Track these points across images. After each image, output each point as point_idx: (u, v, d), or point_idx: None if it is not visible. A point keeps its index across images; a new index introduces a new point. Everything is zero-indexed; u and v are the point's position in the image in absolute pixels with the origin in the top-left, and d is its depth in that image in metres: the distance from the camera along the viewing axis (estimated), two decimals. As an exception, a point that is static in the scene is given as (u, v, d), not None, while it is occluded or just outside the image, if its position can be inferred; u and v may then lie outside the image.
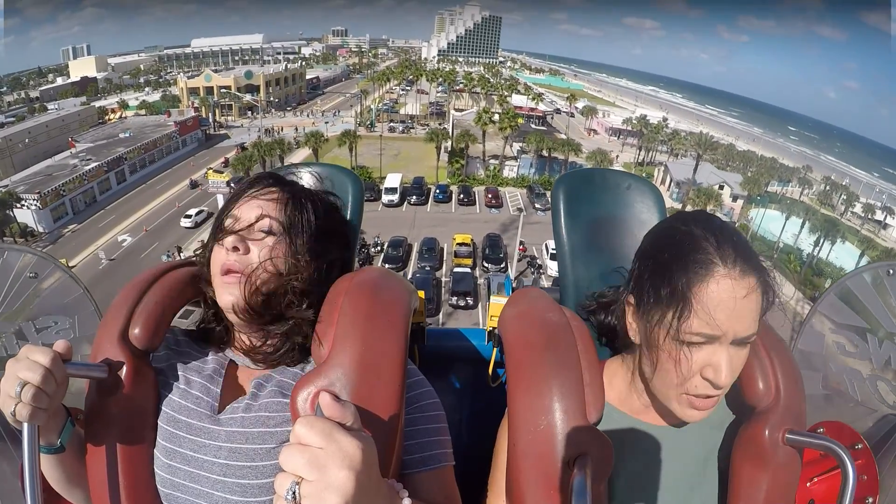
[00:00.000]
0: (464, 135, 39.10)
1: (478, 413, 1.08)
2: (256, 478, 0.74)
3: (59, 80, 74.83)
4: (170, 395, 0.81)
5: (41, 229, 34.17)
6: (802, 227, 37.52)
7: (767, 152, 55.49)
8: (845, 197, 41.37)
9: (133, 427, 0.78)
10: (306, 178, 1.02)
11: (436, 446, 0.75)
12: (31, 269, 1.09)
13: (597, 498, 0.67)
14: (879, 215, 40.72)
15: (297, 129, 46.68)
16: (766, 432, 0.76)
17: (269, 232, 0.83)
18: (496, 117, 41.66)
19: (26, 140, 44.16)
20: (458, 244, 29.32)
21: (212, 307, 0.89)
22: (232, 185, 28.91)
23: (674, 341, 0.71)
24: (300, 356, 0.85)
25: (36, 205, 33.54)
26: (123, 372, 0.76)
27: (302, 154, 42.70)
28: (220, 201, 31.42)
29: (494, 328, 1.13)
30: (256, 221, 0.83)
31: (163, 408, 0.80)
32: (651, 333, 0.74)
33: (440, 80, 62.55)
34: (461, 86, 63.34)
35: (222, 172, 32.09)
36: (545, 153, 41.51)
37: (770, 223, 37.28)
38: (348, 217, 1.01)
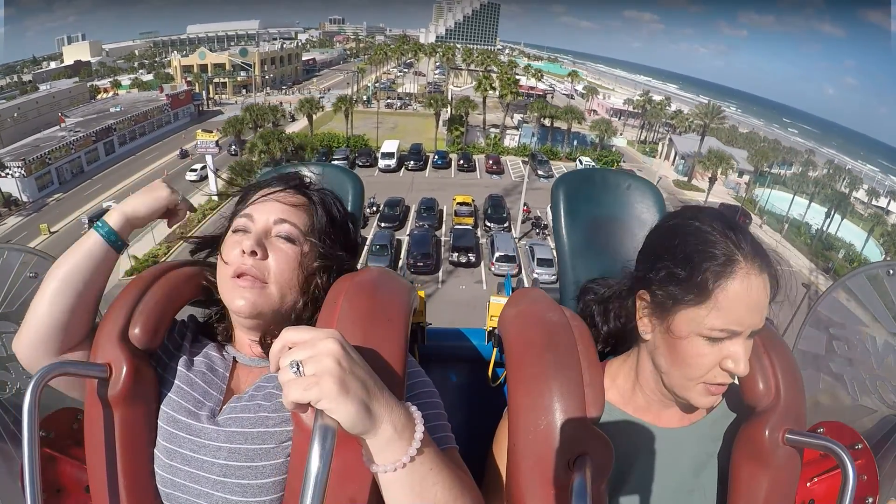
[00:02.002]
0: (463, 101, 38.01)
1: (477, 413, 1.05)
2: (256, 478, 0.74)
3: (53, 65, 73.60)
4: (170, 395, 0.81)
5: (25, 198, 33.05)
6: (811, 201, 36.75)
7: (770, 136, 54.56)
8: (848, 181, 40.39)
9: (133, 427, 0.78)
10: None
11: (436, 430, 0.74)
12: (31, 269, 1.07)
13: (597, 498, 0.67)
14: (882, 202, 40.12)
15: (280, 103, 45.98)
16: (766, 432, 0.76)
17: (289, 239, 0.81)
18: (496, 85, 40.42)
19: (15, 115, 42.90)
20: (458, 203, 28.28)
21: (216, 305, 0.88)
22: (227, 146, 27.82)
23: (697, 336, 0.72)
24: None
25: (20, 172, 32.35)
26: (123, 372, 0.76)
27: (296, 126, 41.44)
28: (209, 161, 30.45)
29: (494, 328, 1.11)
30: (276, 225, 0.81)
31: (163, 407, 0.80)
32: (671, 328, 0.75)
33: (439, 54, 61.23)
34: (461, 64, 62.11)
35: (211, 132, 30.87)
36: (547, 123, 40.34)
37: (776, 203, 37.27)
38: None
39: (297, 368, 0.52)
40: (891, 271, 1.05)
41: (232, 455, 0.75)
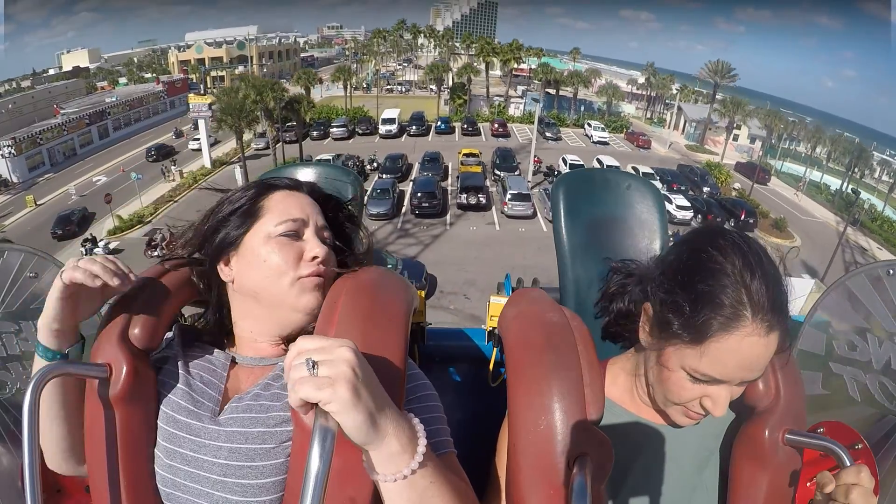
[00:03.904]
0: (466, 68, 36.86)
1: (478, 413, 1.06)
2: (256, 478, 0.74)
3: (52, 72, 73.39)
4: (170, 395, 0.80)
5: (15, 179, 31.96)
6: (829, 158, 35.49)
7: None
8: (860, 151, 38.76)
9: (133, 427, 0.78)
10: (306, 178, 1.01)
11: (435, 435, 0.74)
12: (31, 269, 1.07)
13: (597, 498, 0.67)
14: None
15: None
16: (766, 432, 0.77)
17: (325, 242, 0.85)
18: (499, 50, 39.25)
19: (10, 106, 42.03)
20: (464, 155, 26.95)
21: (216, 307, 0.88)
22: (215, 108, 26.68)
23: (682, 370, 0.72)
24: None
25: (10, 151, 31.17)
26: (123, 372, 0.76)
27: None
28: (202, 126, 29.18)
29: (494, 328, 1.12)
30: (323, 231, 0.86)
31: (163, 408, 0.80)
32: (662, 352, 0.74)
33: (438, 37, 60.09)
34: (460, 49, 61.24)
35: (204, 95, 29.62)
36: (552, 91, 39.08)
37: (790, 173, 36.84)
38: None
39: (313, 367, 0.52)
40: (891, 271, 1.03)
41: (232, 455, 0.74)
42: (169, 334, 0.87)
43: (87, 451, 0.77)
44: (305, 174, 1.05)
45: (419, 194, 21.10)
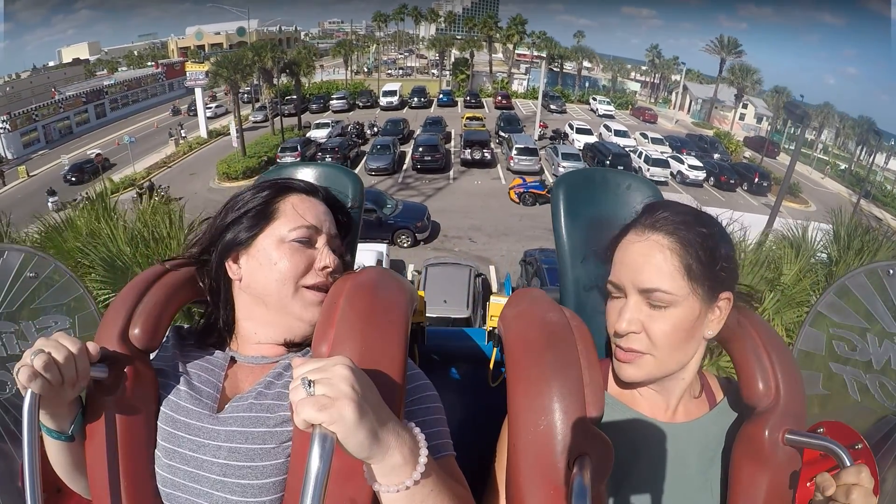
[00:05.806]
0: (469, 42, 36.21)
1: (478, 413, 1.07)
2: (256, 478, 0.73)
3: (52, 65, 73.06)
4: (169, 396, 0.80)
5: (9, 155, 31.33)
6: (837, 137, 34.95)
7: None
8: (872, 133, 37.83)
9: (133, 427, 0.78)
10: (307, 178, 1.01)
11: (435, 437, 0.74)
12: (32, 269, 1.07)
13: (597, 498, 0.67)
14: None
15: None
16: (766, 432, 0.77)
17: (335, 252, 0.85)
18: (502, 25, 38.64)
19: (8, 90, 41.46)
20: (468, 118, 26.30)
21: (216, 307, 0.87)
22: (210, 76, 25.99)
23: (608, 288, 0.83)
24: None
25: (5, 126, 30.61)
26: (123, 372, 0.76)
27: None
28: (199, 95, 28.49)
29: (494, 328, 1.12)
30: (334, 240, 0.86)
31: (162, 408, 0.80)
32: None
33: (441, 20, 59.47)
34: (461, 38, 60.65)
35: (202, 63, 28.94)
36: (555, 68, 38.44)
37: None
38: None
39: (309, 386, 0.52)
40: (891, 271, 1.03)
41: (232, 455, 0.74)
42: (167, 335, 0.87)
43: (87, 451, 0.77)
44: (306, 174, 1.05)
45: (420, 148, 20.40)
